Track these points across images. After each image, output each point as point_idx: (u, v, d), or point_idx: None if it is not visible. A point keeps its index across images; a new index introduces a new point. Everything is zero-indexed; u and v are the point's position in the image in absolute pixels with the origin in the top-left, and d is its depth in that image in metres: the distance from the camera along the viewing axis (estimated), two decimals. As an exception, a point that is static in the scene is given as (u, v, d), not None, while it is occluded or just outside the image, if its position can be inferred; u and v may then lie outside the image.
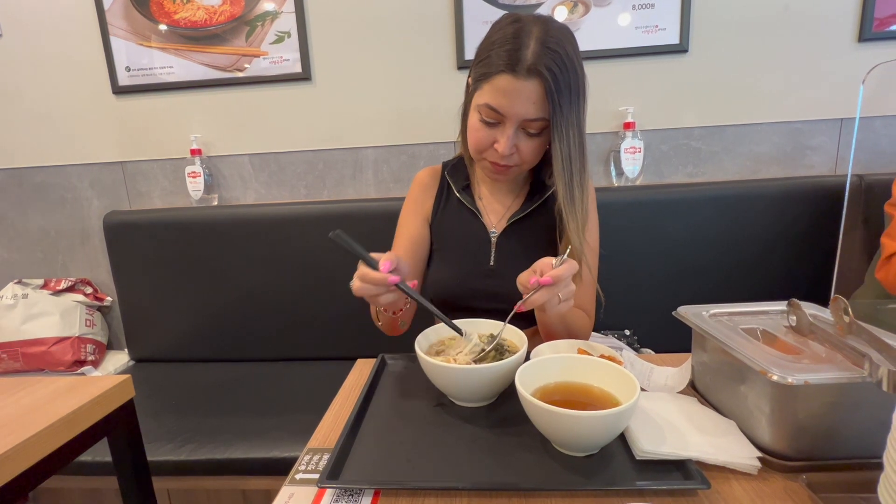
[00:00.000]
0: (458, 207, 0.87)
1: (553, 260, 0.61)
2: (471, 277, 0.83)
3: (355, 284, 0.61)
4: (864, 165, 1.35)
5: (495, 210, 0.87)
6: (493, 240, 0.84)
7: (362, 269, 0.60)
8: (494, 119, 0.72)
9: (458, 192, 0.87)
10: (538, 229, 0.83)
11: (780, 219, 1.29)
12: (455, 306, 0.80)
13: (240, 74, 1.45)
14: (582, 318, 0.80)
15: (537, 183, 0.87)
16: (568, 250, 0.62)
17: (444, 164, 0.93)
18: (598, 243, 0.87)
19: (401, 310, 0.75)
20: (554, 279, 0.58)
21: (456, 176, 0.89)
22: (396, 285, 0.60)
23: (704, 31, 1.33)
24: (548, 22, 0.71)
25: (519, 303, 0.61)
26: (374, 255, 0.61)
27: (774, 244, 1.30)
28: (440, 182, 0.91)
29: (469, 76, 0.79)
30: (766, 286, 1.32)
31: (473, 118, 0.75)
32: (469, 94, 0.78)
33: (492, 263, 0.84)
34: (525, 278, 0.62)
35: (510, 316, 0.62)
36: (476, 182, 0.90)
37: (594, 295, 0.85)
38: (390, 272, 0.59)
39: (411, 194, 0.92)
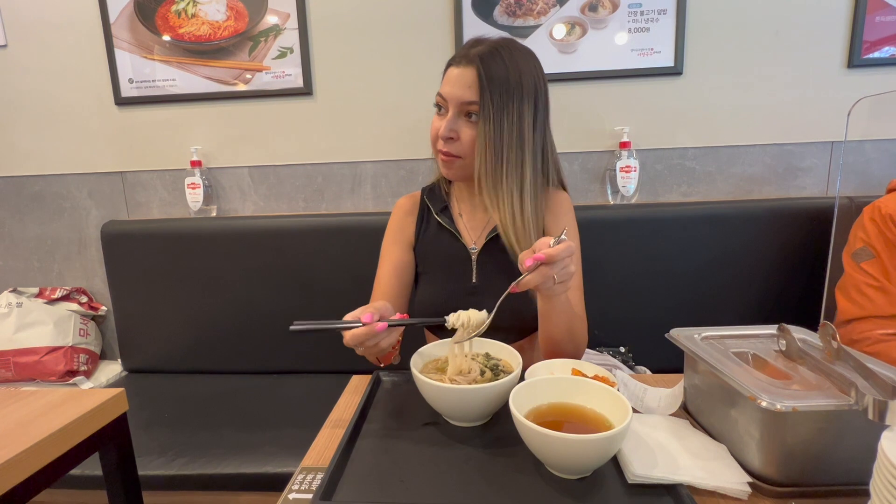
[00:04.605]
0: (438, 229, 0.90)
1: (551, 239, 0.61)
2: (455, 296, 0.85)
3: (349, 342, 0.62)
4: (856, 188, 1.38)
5: (474, 228, 0.90)
6: (474, 257, 0.87)
7: (346, 335, 0.61)
8: (443, 106, 0.81)
9: (436, 214, 0.90)
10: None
11: (773, 238, 1.31)
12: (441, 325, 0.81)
13: (242, 88, 1.47)
14: (582, 320, 0.82)
15: None
16: (564, 231, 0.63)
17: (423, 190, 0.96)
18: (580, 252, 0.88)
19: (397, 344, 0.76)
20: (548, 257, 0.59)
21: (434, 199, 0.92)
22: (389, 324, 0.61)
23: (698, 55, 1.37)
24: (508, 39, 0.81)
25: (514, 283, 0.61)
26: (350, 315, 0.62)
27: (767, 262, 1.31)
28: (420, 207, 0.94)
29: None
30: (760, 304, 1.33)
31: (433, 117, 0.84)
32: None
33: (474, 280, 0.86)
34: (523, 257, 0.63)
35: (504, 296, 0.62)
36: (454, 202, 0.93)
37: (583, 297, 0.86)
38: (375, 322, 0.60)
39: (393, 222, 0.94)
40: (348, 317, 0.62)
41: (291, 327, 0.62)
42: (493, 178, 0.79)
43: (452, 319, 0.64)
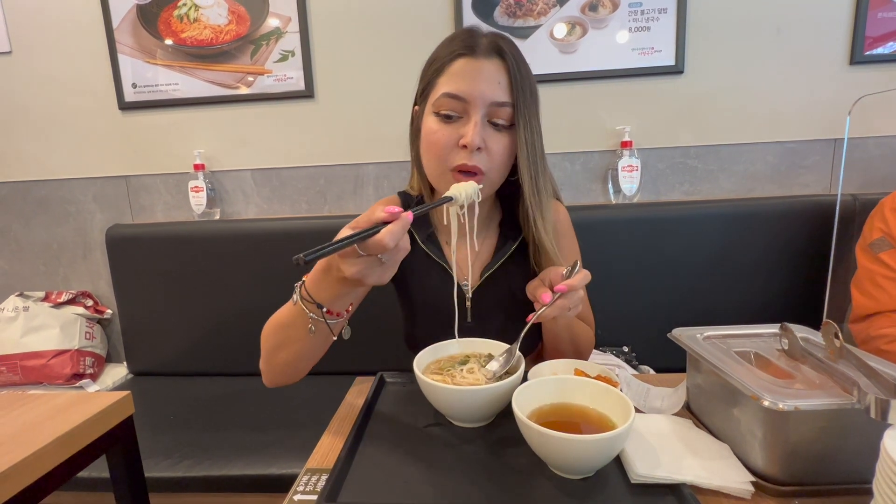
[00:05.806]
0: (425, 259, 0.77)
1: (563, 269, 0.62)
2: (449, 337, 0.71)
3: (388, 242, 0.47)
4: (859, 185, 1.37)
5: (461, 258, 0.77)
6: (469, 296, 0.77)
7: (380, 237, 0.47)
8: (456, 110, 0.65)
9: (422, 242, 0.77)
10: (512, 279, 0.76)
11: (776, 236, 1.30)
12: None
13: (244, 91, 1.48)
14: (586, 330, 0.80)
15: (504, 231, 0.80)
16: (577, 263, 0.63)
17: (403, 199, 0.82)
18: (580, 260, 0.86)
19: (350, 307, 0.65)
20: (569, 287, 0.59)
21: (418, 223, 0.77)
22: (413, 212, 0.50)
23: (699, 54, 1.36)
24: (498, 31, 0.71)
25: (532, 315, 0.61)
26: (346, 229, 0.51)
27: (771, 261, 1.31)
28: None
29: (414, 105, 0.74)
30: (763, 303, 1.33)
31: (429, 123, 0.67)
32: (415, 120, 0.73)
33: (469, 320, 0.76)
34: (536, 290, 0.62)
35: (524, 330, 0.62)
36: (436, 227, 0.80)
37: (589, 305, 0.85)
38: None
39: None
40: (344, 231, 0.50)
41: (305, 256, 0.47)
42: (539, 195, 0.68)
43: (454, 192, 0.60)
